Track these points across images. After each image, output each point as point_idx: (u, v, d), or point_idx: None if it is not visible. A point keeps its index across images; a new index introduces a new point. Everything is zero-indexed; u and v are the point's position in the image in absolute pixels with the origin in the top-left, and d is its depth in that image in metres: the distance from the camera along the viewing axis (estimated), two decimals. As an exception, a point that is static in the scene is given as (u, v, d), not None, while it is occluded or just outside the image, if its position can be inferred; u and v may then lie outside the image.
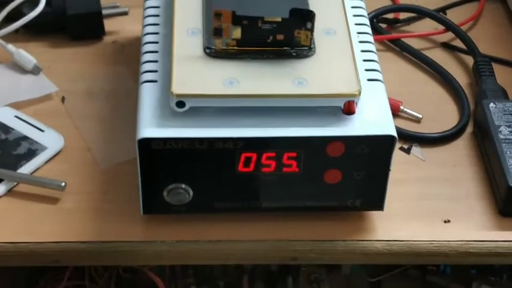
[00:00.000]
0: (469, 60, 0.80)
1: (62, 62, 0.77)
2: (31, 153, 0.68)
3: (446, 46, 0.82)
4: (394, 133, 0.59)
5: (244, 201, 0.63)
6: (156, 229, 0.64)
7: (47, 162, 0.68)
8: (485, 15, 0.86)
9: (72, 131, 0.71)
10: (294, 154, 0.60)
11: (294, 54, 0.61)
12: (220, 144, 0.59)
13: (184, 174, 0.61)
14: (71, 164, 0.68)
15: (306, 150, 0.60)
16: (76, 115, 0.72)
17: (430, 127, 0.73)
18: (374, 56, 0.65)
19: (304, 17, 0.60)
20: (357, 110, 0.60)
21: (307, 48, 0.61)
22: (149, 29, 0.66)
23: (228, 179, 0.61)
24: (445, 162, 0.70)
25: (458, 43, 0.82)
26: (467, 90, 0.76)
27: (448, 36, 0.83)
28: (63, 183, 0.65)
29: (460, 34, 0.81)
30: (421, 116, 0.74)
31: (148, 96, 0.61)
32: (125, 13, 0.81)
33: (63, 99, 0.74)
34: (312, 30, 0.60)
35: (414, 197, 0.67)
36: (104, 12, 0.79)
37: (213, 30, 0.60)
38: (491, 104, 0.71)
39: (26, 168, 0.67)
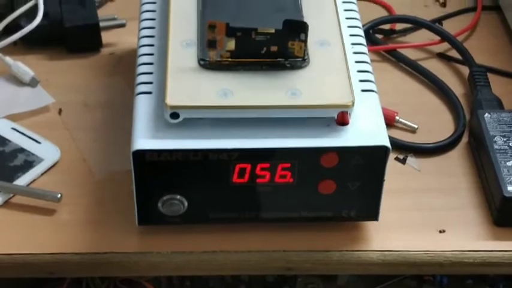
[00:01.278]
0: (465, 70, 0.80)
1: (59, 74, 0.78)
2: (27, 165, 0.68)
3: (442, 56, 0.82)
4: (387, 143, 0.60)
5: (239, 212, 0.63)
6: (151, 240, 0.64)
7: (43, 173, 0.68)
8: (481, 25, 0.86)
9: (69, 142, 0.71)
10: (288, 165, 0.60)
11: (288, 65, 0.62)
12: (214, 156, 0.59)
13: (179, 185, 0.61)
14: (67, 176, 0.68)
15: (300, 161, 0.60)
16: (73, 127, 0.73)
17: (425, 137, 0.73)
18: (368, 67, 0.66)
19: (298, 28, 0.60)
20: (350, 120, 0.60)
21: (301, 59, 0.62)
22: (145, 41, 0.67)
23: (223, 189, 0.61)
24: (440, 173, 0.71)
25: (454, 53, 0.82)
26: (462, 100, 0.77)
27: (444, 46, 0.83)
28: (59, 195, 0.65)
29: (455, 44, 0.82)
30: (416, 127, 0.74)
31: (143, 107, 0.61)
32: (123, 25, 0.81)
33: (60, 111, 0.74)
34: (305, 41, 0.60)
35: (409, 207, 0.67)
36: (102, 24, 0.80)
37: (207, 42, 0.60)
38: (486, 114, 0.71)
39: (22, 180, 0.67)
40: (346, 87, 0.60)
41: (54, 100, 0.75)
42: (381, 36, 0.84)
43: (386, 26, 0.85)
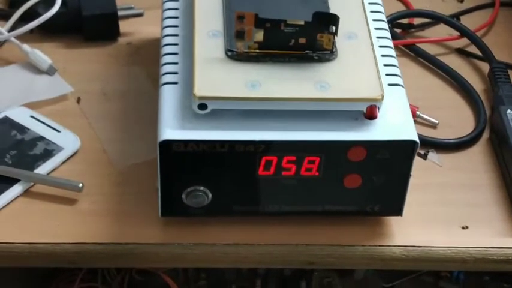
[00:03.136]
0: (484, 66, 0.80)
1: (76, 63, 0.77)
2: (47, 154, 0.67)
3: (461, 52, 0.82)
4: (416, 138, 0.59)
5: (263, 205, 0.62)
6: (173, 231, 0.63)
7: (63, 162, 0.67)
8: (499, 21, 0.86)
9: (88, 131, 0.70)
10: (314, 158, 0.60)
11: (316, 57, 0.61)
12: (241, 148, 0.58)
13: (204, 177, 0.60)
14: (87, 165, 0.68)
15: (327, 155, 0.59)
16: (91, 116, 0.72)
17: (446, 133, 0.73)
18: (394, 61, 0.65)
19: (328, 21, 0.59)
20: (378, 114, 0.59)
21: (329, 52, 0.61)
22: (169, 30, 0.66)
23: (248, 182, 0.61)
24: (461, 168, 0.70)
25: (472, 49, 0.82)
26: (482, 96, 0.76)
27: (463, 42, 0.83)
28: (81, 184, 0.64)
29: (475, 40, 0.81)
30: (437, 122, 0.74)
31: (169, 98, 0.60)
32: (140, 15, 0.81)
33: (78, 99, 0.73)
34: (335, 34, 0.60)
35: (432, 202, 0.67)
36: (119, 13, 0.79)
37: (235, 32, 0.60)
38: (509, 111, 0.70)
39: (42, 169, 0.66)
40: (375, 81, 0.60)
41: (72, 89, 0.74)
42: (399, 31, 0.84)
43: (405, 21, 0.85)
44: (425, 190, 0.67)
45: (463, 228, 0.65)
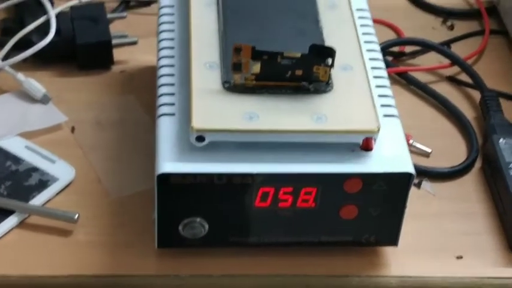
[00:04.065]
0: (475, 94, 0.81)
1: (70, 91, 0.77)
2: (42, 185, 0.67)
3: (452, 80, 0.83)
4: (412, 170, 0.60)
5: (260, 236, 0.62)
6: (170, 263, 0.63)
7: (58, 193, 0.67)
8: (489, 48, 0.87)
9: (83, 161, 0.70)
10: (311, 189, 0.60)
11: (312, 89, 0.61)
12: (238, 180, 0.59)
13: (201, 209, 0.60)
14: (82, 196, 0.68)
15: (323, 186, 0.60)
16: (86, 145, 0.72)
17: (438, 161, 0.73)
18: (389, 91, 0.66)
19: (325, 53, 0.60)
20: (374, 146, 0.60)
21: (325, 83, 0.61)
22: (165, 61, 0.66)
23: (245, 213, 0.61)
24: (455, 198, 0.71)
25: (463, 77, 0.83)
26: (474, 125, 0.77)
27: (454, 70, 0.83)
28: (76, 215, 0.64)
29: (466, 68, 0.82)
30: (430, 151, 0.74)
31: (166, 130, 0.60)
32: (134, 43, 0.81)
33: (72, 129, 0.73)
34: (332, 66, 0.60)
35: (426, 232, 0.67)
36: (113, 41, 0.79)
37: (232, 65, 0.60)
38: (501, 140, 0.71)
39: (37, 200, 0.66)
40: (371, 113, 0.60)
41: (66, 118, 0.74)
42: (390, 58, 0.85)
43: (396, 48, 0.85)
44: (420, 219, 0.68)
45: (458, 258, 0.66)
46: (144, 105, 0.76)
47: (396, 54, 0.85)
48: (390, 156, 0.60)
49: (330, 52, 0.60)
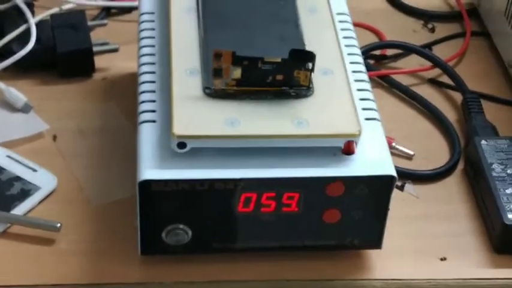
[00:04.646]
0: (456, 96, 0.81)
1: (52, 100, 0.77)
2: (24, 194, 0.67)
3: (434, 82, 0.83)
4: (393, 173, 0.60)
5: (243, 241, 0.62)
6: (153, 270, 0.63)
7: (40, 202, 0.67)
8: (470, 51, 0.87)
9: (65, 169, 0.70)
10: (294, 194, 0.60)
11: (293, 94, 0.61)
12: (221, 185, 0.59)
13: (184, 215, 0.60)
14: (65, 204, 0.67)
15: (306, 190, 0.60)
16: (68, 153, 0.72)
17: (421, 164, 0.74)
18: (370, 95, 0.66)
19: (305, 58, 0.60)
20: (356, 149, 0.60)
21: (306, 88, 0.61)
22: (145, 68, 0.66)
23: (228, 219, 0.61)
24: (438, 199, 0.71)
25: (445, 79, 0.83)
26: (456, 127, 0.77)
27: (435, 72, 0.84)
28: (59, 224, 0.64)
29: (447, 70, 0.82)
30: (413, 153, 0.74)
31: (147, 136, 0.60)
32: (115, 50, 0.81)
33: (54, 137, 0.73)
34: (312, 70, 0.60)
35: (410, 234, 0.67)
36: (94, 49, 0.79)
37: (213, 70, 0.60)
38: (483, 141, 0.71)
39: (19, 209, 0.66)
40: (352, 117, 0.60)
41: (48, 126, 0.73)
42: (372, 62, 0.85)
43: (378, 52, 0.86)
44: (403, 222, 0.68)
45: (442, 259, 0.66)
46: (125, 112, 0.76)
47: (378, 57, 0.85)
48: (372, 159, 0.60)
49: (310, 56, 0.60)
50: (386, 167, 0.60)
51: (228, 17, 0.66)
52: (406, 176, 0.72)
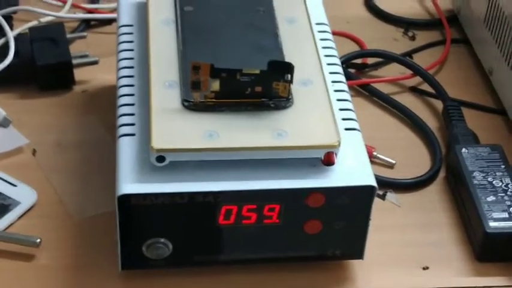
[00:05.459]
0: (437, 103, 0.81)
1: (31, 113, 0.76)
2: (4, 209, 0.66)
3: (415, 90, 0.83)
4: (374, 183, 0.60)
5: (225, 254, 0.62)
6: (134, 285, 0.63)
7: (20, 217, 0.66)
8: (450, 58, 0.87)
9: (45, 184, 0.70)
10: (274, 206, 0.60)
11: (272, 105, 0.61)
12: (200, 198, 0.58)
13: (164, 229, 0.60)
14: (45, 219, 0.67)
15: (286, 202, 0.60)
16: (47, 168, 0.71)
17: (402, 172, 0.74)
18: (349, 105, 0.66)
19: (283, 69, 0.60)
20: (336, 160, 0.60)
21: (285, 99, 0.61)
22: (124, 81, 0.66)
23: (209, 232, 0.60)
24: (420, 208, 0.71)
25: (425, 87, 0.83)
26: (437, 134, 0.77)
27: (416, 80, 0.84)
28: (38, 240, 0.63)
29: (428, 78, 0.82)
30: (394, 162, 0.74)
31: (126, 150, 0.60)
32: (95, 62, 0.80)
33: (34, 151, 0.73)
34: (290, 82, 0.60)
35: (392, 243, 0.67)
36: (74, 61, 0.79)
37: (191, 83, 0.60)
38: (464, 150, 0.71)
39: (-1, 225, 0.65)
40: (332, 127, 0.60)
41: (27, 141, 0.73)
42: (353, 71, 0.85)
43: (358, 60, 0.86)
44: (385, 231, 0.68)
45: (424, 269, 0.66)
46: (106, 125, 0.75)
47: (359, 66, 0.85)
48: (352, 169, 0.60)
49: (289, 68, 0.60)
50: (366, 177, 0.60)
51: (207, 29, 0.66)
52: (387, 184, 0.72)
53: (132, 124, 0.62)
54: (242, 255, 0.62)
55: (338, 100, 0.66)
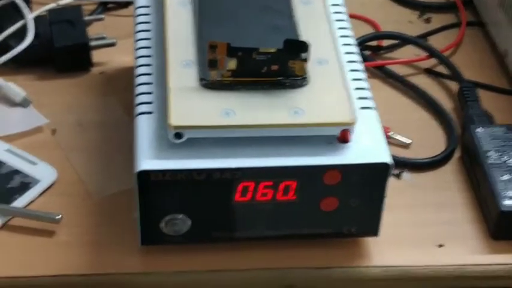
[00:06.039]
0: (452, 85, 0.82)
1: (50, 94, 0.77)
2: (24, 187, 0.67)
3: (430, 72, 0.84)
4: (389, 160, 0.60)
5: (242, 230, 0.63)
6: (154, 260, 0.64)
7: (40, 195, 0.68)
8: (465, 41, 0.88)
9: (64, 163, 0.71)
10: (291, 183, 0.60)
11: (288, 84, 0.62)
12: (218, 175, 0.59)
13: (182, 205, 0.61)
14: (65, 197, 0.68)
15: (303, 179, 0.60)
16: (67, 147, 0.72)
17: (418, 152, 0.74)
18: (365, 84, 0.66)
19: (299, 48, 0.60)
20: (351, 138, 0.60)
21: (301, 78, 0.62)
22: (142, 60, 0.66)
23: (226, 208, 0.61)
24: (435, 188, 0.71)
25: (440, 69, 0.84)
26: (453, 116, 0.78)
27: (431, 62, 0.84)
28: (59, 216, 0.65)
29: (443, 60, 0.83)
30: (409, 142, 0.75)
31: (144, 128, 0.61)
32: (113, 44, 0.81)
33: (53, 131, 0.74)
34: (306, 60, 0.61)
35: (407, 222, 0.68)
36: (91, 43, 0.79)
37: (208, 62, 0.60)
38: (479, 129, 0.72)
39: (19, 202, 0.66)
40: (347, 105, 0.61)
41: (47, 120, 0.74)
42: (368, 53, 0.85)
43: (374, 43, 0.86)
44: (401, 210, 0.68)
45: (439, 246, 0.66)
46: (124, 106, 0.76)
47: (374, 48, 0.86)
48: (367, 147, 0.61)
49: (305, 46, 0.60)
50: (381, 154, 0.60)
51: (223, 9, 0.67)
52: (403, 164, 0.73)
53: (150, 103, 0.63)
54: (258, 232, 0.63)
55: (353, 80, 0.66)
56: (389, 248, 0.65)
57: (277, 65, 0.61)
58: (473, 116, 0.75)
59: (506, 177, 0.67)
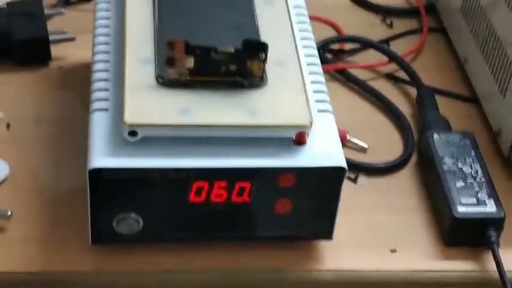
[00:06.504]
0: (413, 91, 0.82)
1: (7, 88, 0.76)
2: (-24, 181, 0.67)
3: (390, 77, 0.84)
4: (344, 164, 0.60)
5: (195, 231, 0.63)
6: (105, 259, 0.63)
7: (-8, 190, 0.67)
8: (427, 46, 0.88)
9: (18, 158, 0.70)
10: (245, 184, 0.60)
11: (246, 84, 0.62)
12: (172, 174, 0.59)
13: (135, 204, 0.60)
14: (17, 192, 0.67)
15: (257, 181, 0.60)
16: (22, 142, 0.71)
17: (375, 157, 0.74)
18: (323, 87, 0.66)
19: (258, 48, 0.60)
20: (307, 141, 0.60)
21: (259, 78, 0.62)
22: (100, 57, 0.66)
23: (179, 208, 0.61)
24: (390, 192, 0.72)
25: (401, 74, 0.84)
26: (411, 121, 0.78)
27: (392, 67, 0.84)
28: (9, 212, 0.64)
29: (403, 65, 0.83)
30: (367, 146, 0.75)
31: (99, 125, 0.60)
32: (72, 39, 0.80)
33: (8, 125, 0.73)
34: (265, 61, 0.61)
35: (361, 226, 0.68)
36: (51, 37, 0.78)
37: (165, 59, 0.60)
38: (435, 135, 0.72)
39: (-30, 197, 0.65)
40: (305, 108, 0.61)
41: (1, 114, 0.73)
42: (330, 56, 0.85)
43: (336, 46, 0.86)
44: (355, 213, 0.68)
45: (392, 251, 0.66)
46: (81, 101, 0.75)
47: (336, 51, 0.86)
48: (323, 150, 0.61)
49: (263, 47, 0.60)
50: (337, 158, 0.61)
51: (183, 6, 0.66)
52: (359, 168, 0.73)
53: (106, 99, 0.62)
54: (212, 233, 0.63)
55: (312, 82, 0.66)
56: (342, 251, 0.65)
57: (236, 65, 0.61)
58: (431, 121, 0.75)
59: (460, 183, 0.68)
